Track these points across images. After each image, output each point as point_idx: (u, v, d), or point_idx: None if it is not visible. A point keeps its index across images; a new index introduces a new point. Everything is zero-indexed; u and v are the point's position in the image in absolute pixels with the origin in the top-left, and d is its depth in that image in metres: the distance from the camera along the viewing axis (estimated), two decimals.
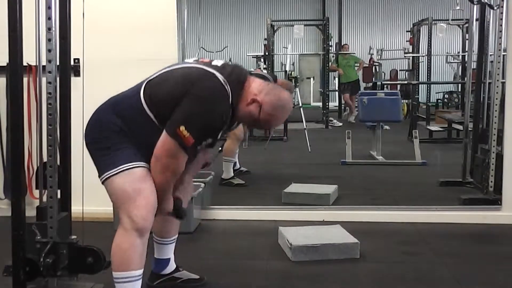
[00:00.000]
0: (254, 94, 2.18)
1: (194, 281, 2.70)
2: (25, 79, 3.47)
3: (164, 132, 2.12)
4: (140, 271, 2.22)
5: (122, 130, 2.18)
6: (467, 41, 8.85)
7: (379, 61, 12.74)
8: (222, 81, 2.13)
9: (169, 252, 2.65)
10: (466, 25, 8.83)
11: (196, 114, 2.09)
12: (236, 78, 2.18)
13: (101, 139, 2.20)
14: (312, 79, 13.88)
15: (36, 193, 2.50)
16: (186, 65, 2.29)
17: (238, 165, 5.33)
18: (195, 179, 3.14)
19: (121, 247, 2.17)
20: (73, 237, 2.42)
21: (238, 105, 2.19)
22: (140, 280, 2.22)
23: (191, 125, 2.08)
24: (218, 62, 2.25)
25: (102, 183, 2.20)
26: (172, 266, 2.67)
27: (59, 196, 2.38)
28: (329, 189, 4.40)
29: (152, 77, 2.25)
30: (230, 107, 2.16)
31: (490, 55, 4.54)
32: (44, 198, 2.36)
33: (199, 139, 2.14)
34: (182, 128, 2.06)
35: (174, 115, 2.10)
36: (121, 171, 2.14)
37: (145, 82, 2.23)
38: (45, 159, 2.32)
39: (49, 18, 2.26)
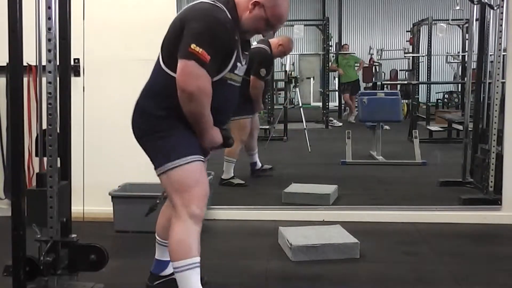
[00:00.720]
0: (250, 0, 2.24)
1: None
2: (25, 79, 3.47)
3: (178, 61, 2.11)
4: (199, 258, 2.24)
5: (167, 113, 2.21)
6: (467, 41, 8.87)
7: (379, 61, 12.75)
8: (211, 2, 2.20)
9: None
10: (466, 25, 8.84)
11: (201, 29, 2.11)
12: None
13: (150, 130, 2.24)
14: (312, 79, 13.86)
15: None
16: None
17: (259, 164, 5.30)
18: None
19: (181, 237, 2.21)
20: (73, 235, 2.42)
21: (240, 19, 2.24)
22: (199, 267, 2.24)
23: (201, 40, 2.09)
24: None
25: (159, 175, 2.25)
26: (171, 267, 2.66)
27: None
28: (329, 189, 4.40)
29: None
30: (231, 19, 2.19)
31: (490, 55, 4.54)
32: None
33: (214, 55, 2.12)
34: (193, 46, 2.08)
35: (182, 42, 2.12)
36: (180, 165, 2.19)
37: (159, 53, 2.28)
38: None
39: (49, 18, 2.26)
